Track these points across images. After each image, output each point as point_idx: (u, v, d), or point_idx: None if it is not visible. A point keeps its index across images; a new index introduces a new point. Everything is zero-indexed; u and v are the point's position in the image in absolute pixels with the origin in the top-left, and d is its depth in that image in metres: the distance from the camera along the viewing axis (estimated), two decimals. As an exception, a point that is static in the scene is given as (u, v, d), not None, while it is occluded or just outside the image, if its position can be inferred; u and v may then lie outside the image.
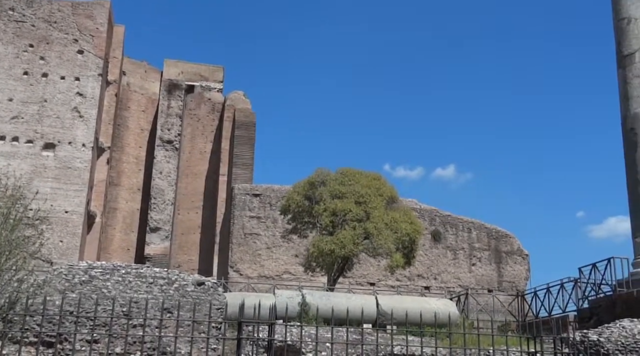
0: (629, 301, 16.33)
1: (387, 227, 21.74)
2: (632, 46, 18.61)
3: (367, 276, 30.91)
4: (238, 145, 33.22)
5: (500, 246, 33.14)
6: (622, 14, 19.03)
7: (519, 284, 32.26)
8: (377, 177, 23.66)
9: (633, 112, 18.23)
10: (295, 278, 28.59)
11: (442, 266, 31.91)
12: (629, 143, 18.27)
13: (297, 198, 22.79)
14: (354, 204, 21.82)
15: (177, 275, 10.54)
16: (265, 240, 29.80)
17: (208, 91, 37.15)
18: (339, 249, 20.84)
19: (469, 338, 10.71)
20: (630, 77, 18.44)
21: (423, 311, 14.73)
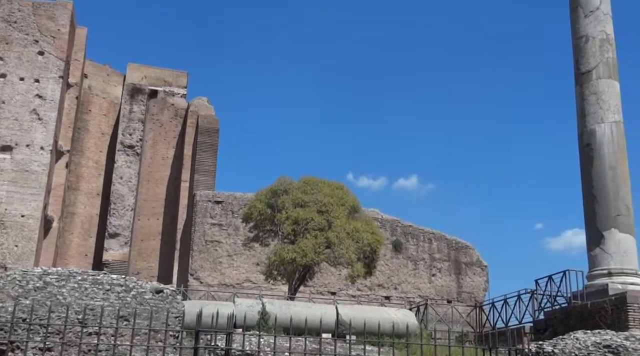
0: (582, 313, 16.68)
1: (349, 236, 21.84)
2: (590, 64, 19.11)
3: (328, 286, 30.94)
4: (201, 152, 32.98)
5: (460, 257, 33.54)
6: (580, 33, 19.53)
7: (478, 295, 32.68)
8: (340, 186, 23.77)
9: (589, 128, 18.69)
10: (256, 287, 28.46)
11: (402, 276, 32.13)
12: (585, 158, 18.72)
13: (259, 206, 22.75)
14: (316, 213, 21.87)
15: (135, 282, 10.37)
16: (226, 248, 29.60)
17: (171, 96, 36.83)
18: (300, 258, 20.85)
19: (426, 349, 10.79)
20: (587, 94, 18.92)
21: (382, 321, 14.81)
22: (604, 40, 19.26)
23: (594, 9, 19.46)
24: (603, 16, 19.45)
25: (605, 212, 17.85)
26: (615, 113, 18.64)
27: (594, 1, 19.54)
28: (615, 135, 18.41)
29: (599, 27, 19.31)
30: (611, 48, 19.27)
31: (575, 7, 19.85)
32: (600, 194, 18.04)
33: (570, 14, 20.06)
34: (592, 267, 17.90)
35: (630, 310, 15.48)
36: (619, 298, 15.88)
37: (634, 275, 17.31)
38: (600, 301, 16.27)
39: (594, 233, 18.02)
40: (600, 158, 18.30)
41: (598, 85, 18.82)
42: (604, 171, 18.19)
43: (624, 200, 17.97)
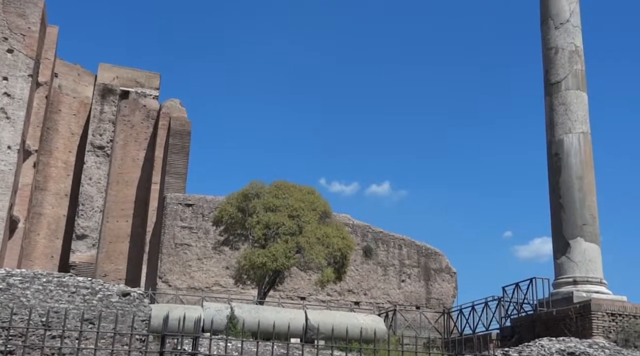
0: (548, 320, 16.91)
1: (319, 241, 21.84)
2: (559, 75, 19.43)
3: (297, 291, 30.88)
4: (172, 154, 32.72)
5: (429, 263, 33.75)
6: (551, 44, 19.86)
7: (446, 301, 32.92)
8: (312, 191, 23.78)
9: (558, 138, 18.99)
10: (225, 291, 28.29)
11: (372, 282, 32.22)
12: (553, 168, 19.01)
13: (230, 210, 22.66)
14: (287, 218, 21.85)
15: (102, 284, 10.24)
16: (196, 251, 29.38)
17: (143, 98, 36.48)
18: (270, 262, 20.79)
19: (394, 355, 10.84)
20: (557, 104, 19.23)
21: (351, 327, 14.87)
22: (573, 52, 19.61)
23: (564, 21, 19.80)
24: (573, 28, 19.80)
25: (571, 221, 18.13)
26: (582, 124, 18.97)
27: (564, 14, 19.88)
28: (582, 145, 18.74)
29: (569, 39, 19.66)
30: (580, 60, 19.62)
31: (546, 19, 20.19)
32: (567, 203, 18.33)
33: (541, 26, 20.38)
34: (558, 275, 18.16)
35: (594, 318, 15.74)
36: (584, 306, 16.13)
37: (598, 283, 17.60)
38: (566, 309, 16.51)
39: (560, 242, 18.29)
40: (567, 167, 18.60)
41: (567, 96, 19.14)
42: (571, 180, 18.49)
43: (590, 209, 18.28)
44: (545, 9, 20.28)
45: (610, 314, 15.96)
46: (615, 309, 16.12)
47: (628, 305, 16.57)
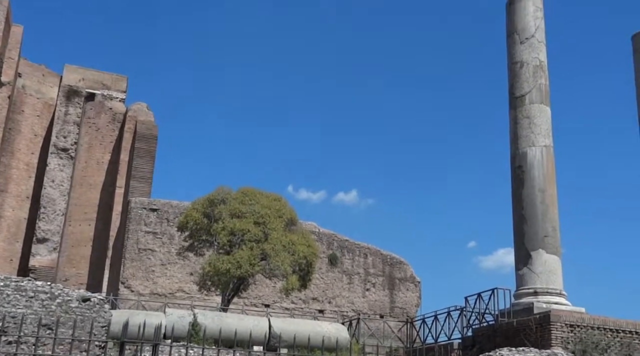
0: (508, 331, 17.13)
1: (285, 248, 21.80)
2: (524, 89, 19.78)
3: (262, 298, 30.75)
4: (138, 158, 32.34)
5: (394, 272, 33.92)
6: (516, 58, 20.22)
7: (410, 310, 33.11)
8: (278, 198, 23.75)
9: (521, 150, 19.31)
10: (189, 297, 28.02)
11: (337, 290, 32.24)
12: (516, 180, 19.31)
13: (195, 215, 22.50)
14: (253, 224, 21.77)
15: (61, 289, 10.06)
16: (160, 257, 29.06)
17: (110, 100, 36.03)
18: (235, 269, 20.69)
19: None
20: (521, 117, 19.57)
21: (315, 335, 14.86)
22: (537, 66, 19.99)
23: (529, 36, 20.19)
24: (537, 44, 20.20)
25: (533, 233, 18.43)
26: (546, 138, 19.33)
27: (530, 29, 20.27)
28: (545, 158, 19.08)
29: (534, 54, 20.04)
30: (544, 74, 20.01)
31: (512, 34, 20.56)
32: (530, 215, 18.62)
33: (507, 40, 20.75)
34: (519, 286, 18.42)
35: (553, 329, 15.99)
36: (543, 317, 16.38)
37: (558, 294, 17.89)
38: (526, 320, 16.74)
39: (522, 253, 18.57)
40: (530, 180, 18.91)
41: (531, 109, 19.49)
42: (533, 193, 18.80)
43: (551, 221, 18.60)
44: (512, 23, 20.66)
45: (569, 325, 16.23)
46: (573, 320, 16.40)
47: (586, 316, 16.88)
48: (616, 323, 16.80)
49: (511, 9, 20.80)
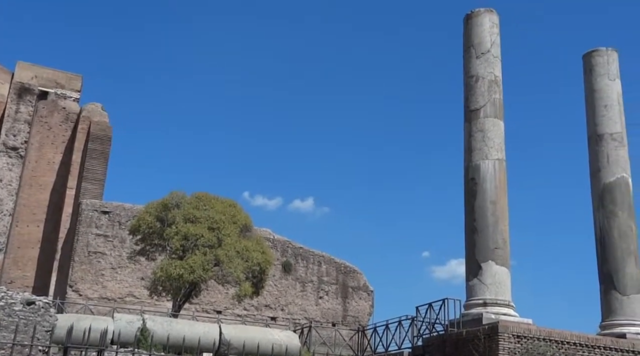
0: (458, 341, 17.33)
1: (239, 255, 21.68)
2: (479, 102, 20.14)
3: (214, 304, 30.45)
4: (90, 159, 31.72)
5: (347, 281, 34.02)
6: (472, 72, 20.59)
7: (362, 319, 33.23)
8: (233, 204, 23.62)
9: (475, 163, 19.64)
10: (139, 302, 27.56)
11: (290, 297, 32.15)
12: (469, 191, 19.61)
13: (148, 219, 22.20)
14: (207, 230, 21.60)
15: (5, 292, 9.77)
16: (110, 260, 28.52)
17: (63, 99, 35.27)
18: (187, 274, 20.47)
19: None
20: (475, 130, 19.91)
21: (265, 342, 14.78)
22: (492, 81, 20.38)
23: (485, 52, 20.59)
24: (493, 59, 20.61)
25: (484, 244, 18.72)
26: (498, 151, 19.70)
27: (486, 44, 20.68)
28: (497, 171, 19.44)
29: (489, 69, 20.44)
30: (498, 89, 20.42)
31: (468, 48, 20.94)
32: (481, 227, 18.92)
33: (464, 54, 21.12)
34: (469, 297, 18.67)
35: (501, 339, 16.24)
36: (492, 328, 16.64)
37: (506, 306, 18.19)
38: (475, 330, 16.97)
39: (473, 264, 18.83)
40: (482, 192, 19.23)
41: (485, 123, 19.85)
42: (485, 205, 19.11)
43: (502, 233, 18.93)
44: (468, 38, 21.05)
45: (516, 336, 16.52)
46: (521, 331, 16.69)
47: (533, 327, 17.21)
48: (561, 335, 17.18)
49: (468, 24, 21.19)
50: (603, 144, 21.72)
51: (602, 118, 21.99)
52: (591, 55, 22.92)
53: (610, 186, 21.24)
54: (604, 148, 21.67)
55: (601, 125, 21.94)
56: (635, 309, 19.82)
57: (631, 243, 20.56)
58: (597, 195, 21.49)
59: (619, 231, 20.64)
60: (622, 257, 20.33)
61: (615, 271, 20.23)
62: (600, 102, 22.19)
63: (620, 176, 21.30)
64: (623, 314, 19.75)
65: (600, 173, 21.51)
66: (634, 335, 18.92)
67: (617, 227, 20.70)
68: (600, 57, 22.71)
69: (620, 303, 19.89)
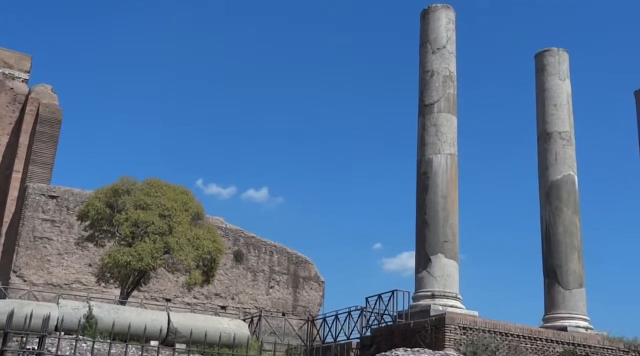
0: (406, 331, 17.58)
1: (190, 243, 21.51)
2: (433, 97, 20.38)
3: (163, 292, 30.16)
4: (38, 142, 30.89)
5: (299, 271, 34.13)
6: (427, 67, 20.81)
7: (313, 309, 33.40)
8: (185, 191, 23.39)
9: (427, 157, 19.88)
10: (86, 289, 27.09)
11: (240, 286, 32.08)
12: (421, 185, 19.86)
13: (97, 205, 21.83)
14: (158, 217, 21.35)
15: (-57, 276, 9.48)
16: (57, 246, 27.93)
17: (11, 80, 34.24)
18: (136, 261, 20.22)
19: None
20: (429, 125, 20.15)
21: (214, 331, 14.70)
22: (447, 76, 20.64)
23: (441, 47, 20.83)
24: (448, 54, 20.87)
25: (434, 238, 19.00)
26: (451, 146, 19.99)
27: (441, 40, 20.92)
28: (449, 166, 19.73)
29: (444, 64, 20.69)
30: (453, 85, 20.70)
31: (425, 43, 21.14)
32: (432, 220, 19.19)
33: (420, 49, 21.32)
34: (418, 289, 18.94)
35: (447, 331, 16.54)
36: (439, 319, 16.93)
37: (454, 298, 18.53)
38: (422, 321, 17.24)
39: (422, 257, 19.11)
40: (434, 186, 19.49)
41: (438, 118, 20.10)
42: (436, 199, 19.38)
43: (452, 227, 19.24)
44: (425, 33, 21.25)
45: (462, 328, 16.85)
46: (467, 323, 17.03)
47: (478, 319, 17.57)
48: (505, 327, 17.59)
49: (425, 19, 21.39)
50: (552, 142, 22.25)
51: (552, 117, 22.52)
52: (543, 54, 23.42)
53: (557, 183, 21.79)
54: (552, 147, 22.20)
55: (550, 124, 22.47)
56: (577, 303, 20.44)
57: (575, 239, 21.16)
58: (544, 192, 22.03)
59: (564, 227, 21.21)
60: (566, 252, 20.91)
61: (558, 266, 20.80)
62: (550, 101, 22.71)
63: (567, 174, 21.87)
64: (565, 308, 20.34)
65: (548, 171, 22.04)
66: (575, 327, 19.52)
67: (562, 223, 21.27)
68: (551, 57, 23.23)
69: (562, 297, 20.47)
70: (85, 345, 11.95)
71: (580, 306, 20.45)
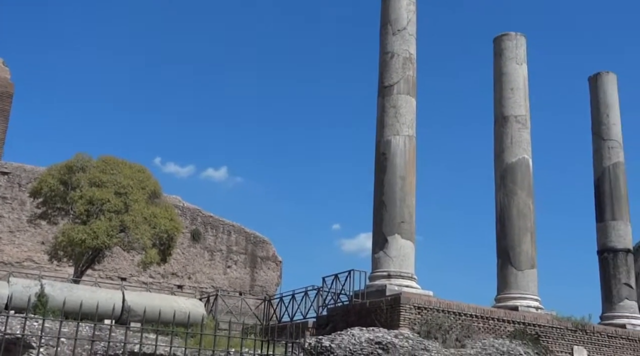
0: (361, 311, 17.78)
1: (146, 221, 21.32)
2: (393, 79, 20.44)
3: (119, 271, 29.86)
4: (-11, 116, 30.03)
5: (256, 251, 34.16)
6: (387, 49, 20.84)
7: (270, 289, 33.51)
8: (142, 169, 23.13)
9: (386, 138, 19.99)
10: (38, 267, 26.65)
11: (198, 266, 31.97)
12: (379, 166, 19.98)
13: (51, 182, 21.42)
14: (114, 194, 21.09)
15: None
16: (8, 223, 27.37)
17: (-40, 51, 33.09)
18: (90, 240, 19.96)
19: (209, 339, 10.82)
20: (388, 106, 20.22)
21: (170, 310, 14.61)
22: (407, 58, 20.71)
23: (401, 29, 20.85)
24: (408, 36, 20.91)
25: (391, 219, 19.17)
26: (409, 128, 20.12)
27: (402, 21, 20.94)
28: (407, 147, 19.88)
29: (404, 46, 20.74)
30: (412, 67, 20.79)
31: (385, 24, 21.14)
32: (389, 201, 19.35)
33: (380, 30, 21.31)
34: (374, 269, 19.13)
35: (402, 310, 16.78)
36: (394, 299, 17.15)
37: (409, 278, 18.78)
38: (378, 301, 17.45)
39: (379, 237, 19.28)
40: (392, 167, 19.63)
41: (398, 99, 20.19)
42: (394, 180, 19.53)
43: (409, 208, 19.44)
44: (385, 14, 21.24)
45: (417, 307, 17.11)
46: (421, 303, 17.30)
47: (433, 299, 17.87)
48: (459, 307, 17.94)
49: (386, 0, 21.37)
50: (508, 126, 22.59)
51: (508, 100, 22.84)
52: (501, 39, 23.69)
53: (512, 166, 22.18)
54: (508, 130, 22.55)
55: (507, 108, 22.80)
56: (529, 283, 20.94)
57: (528, 221, 21.62)
58: (499, 175, 22.40)
59: (517, 209, 21.64)
60: (519, 234, 21.36)
61: (512, 248, 21.25)
62: (507, 85, 23.01)
63: (522, 157, 22.27)
64: (517, 288, 20.82)
65: (504, 154, 22.40)
66: (526, 307, 20.02)
67: (516, 206, 21.69)
68: (509, 41, 23.51)
69: (515, 278, 20.95)
70: (37, 323, 11.75)
71: (532, 287, 20.96)
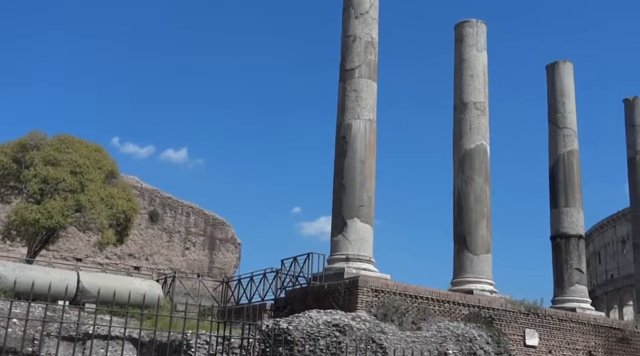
0: (319, 293, 17.87)
1: (103, 201, 21.03)
2: (354, 62, 20.42)
3: (74, 251, 29.43)
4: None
5: (215, 233, 34.02)
6: (349, 32, 20.79)
7: (229, 271, 33.45)
8: (99, 148, 22.79)
9: (347, 122, 20.01)
10: (-10, 247, 26.02)
11: (155, 247, 31.68)
12: (339, 149, 20.00)
13: (3, 160, 21.00)
14: (69, 174, 20.73)
15: None
16: (-41, 202, 26.57)
17: None
18: (44, 219, 19.62)
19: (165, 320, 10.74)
20: (349, 90, 20.22)
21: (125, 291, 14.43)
22: (369, 42, 20.70)
23: (364, 12, 20.81)
24: (371, 20, 20.89)
25: (350, 202, 19.25)
26: (370, 112, 20.17)
27: (365, 5, 20.90)
28: (368, 131, 19.94)
29: (366, 30, 20.71)
30: (374, 51, 20.79)
31: (348, 7, 21.07)
32: (349, 185, 19.42)
33: (343, 13, 21.22)
34: (333, 252, 19.22)
35: (360, 293, 16.93)
36: (352, 282, 17.28)
37: (367, 261, 18.93)
38: (336, 284, 17.55)
39: (339, 221, 19.35)
40: (353, 151, 19.68)
41: (359, 83, 20.19)
42: (354, 164, 19.59)
43: (368, 192, 19.54)
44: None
45: (374, 290, 17.27)
46: (379, 286, 17.47)
47: (390, 282, 18.06)
48: (415, 290, 18.18)
49: (349, -17, 21.27)
50: (467, 112, 22.83)
51: (468, 87, 23.06)
52: (462, 25, 23.84)
53: (470, 152, 22.45)
54: (467, 116, 22.79)
55: (466, 94, 23.02)
56: (484, 267, 21.32)
57: (484, 207, 21.96)
58: (457, 160, 22.66)
59: (475, 195, 21.95)
60: (475, 219, 21.69)
61: (468, 233, 21.57)
62: (467, 71, 23.22)
63: (480, 143, 22.55)
64: (472, 272, 21.19)
65: (462, 140, 22.65)
66: (480, 291, 20.40)
67: (474, 191, 22.00)
68: (470, 28, 23.68)
69: (470, 262, 21.30)
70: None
71: (487, 271, 21.35)
